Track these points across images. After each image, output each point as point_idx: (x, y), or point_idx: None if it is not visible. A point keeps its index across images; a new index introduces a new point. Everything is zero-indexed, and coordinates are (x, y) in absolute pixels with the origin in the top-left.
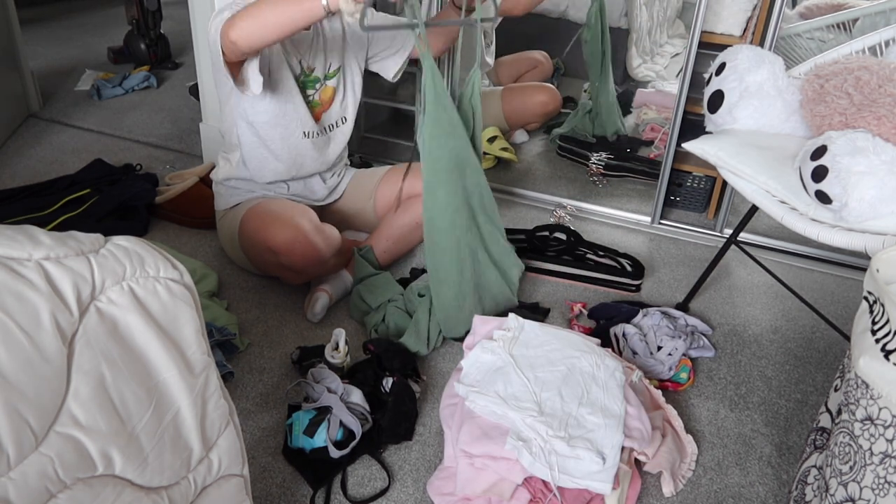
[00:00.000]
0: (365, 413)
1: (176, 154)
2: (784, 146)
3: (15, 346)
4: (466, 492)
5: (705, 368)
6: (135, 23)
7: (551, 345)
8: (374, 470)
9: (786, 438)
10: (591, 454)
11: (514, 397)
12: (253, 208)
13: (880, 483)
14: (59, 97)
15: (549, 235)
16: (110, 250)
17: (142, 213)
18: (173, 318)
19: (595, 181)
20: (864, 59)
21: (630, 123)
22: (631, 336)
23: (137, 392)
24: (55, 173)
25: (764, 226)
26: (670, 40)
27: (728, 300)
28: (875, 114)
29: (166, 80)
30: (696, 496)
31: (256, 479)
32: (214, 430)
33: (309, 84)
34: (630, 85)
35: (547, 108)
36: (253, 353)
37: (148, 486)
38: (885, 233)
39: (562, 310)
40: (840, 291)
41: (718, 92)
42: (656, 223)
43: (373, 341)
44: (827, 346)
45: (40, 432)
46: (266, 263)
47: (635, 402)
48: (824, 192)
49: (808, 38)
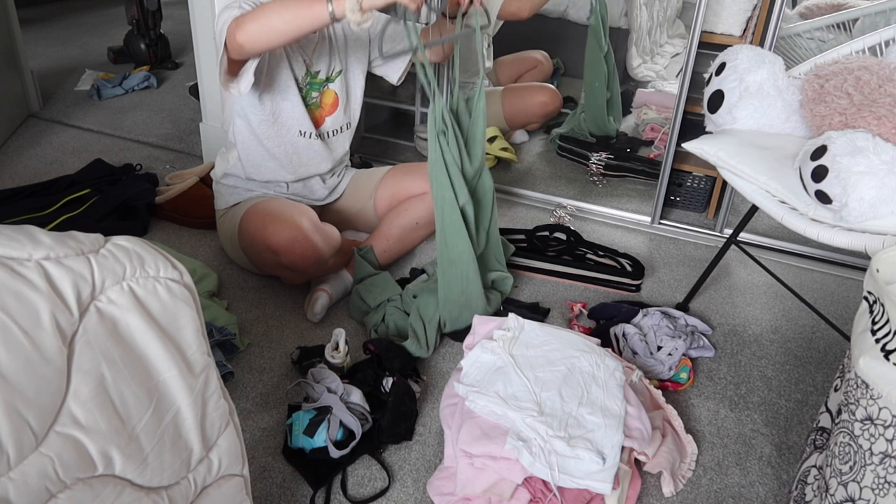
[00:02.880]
0: (365, 413)
1: (176, 154)
2: (784, 146)
3: (15, 346)
4: (466, 492)
5: (705, 368)
6: (135, 23)
7: (551, 345)
8: (374, 470)
9: (786, 438)
10: (591, 454)
11: (514, 397)
12: (252, 207)
13: (880, 483)
14: (59, 97)
15: (549, 235)
16: (110, 250)
17: (142, 213)
18: (173, 318)
19: (595, 181)
20: (864, 59)
21: (630, 123)
22: (631, 336)
23: (137, 392)
24: (55, 173)
25: (764, 226)
26: (670, 40)
27: (728, 300)
28: (875, 114)
29: (166, 80)
30: (696, 496)
31: (256, 479)
32: (214, 430)
33: (314, 86)
34: (630, 85)
35: (547, 109)
36: (253, 353)
37: (148, 486)
38: (885, 233)
39: (562, 310)
40: (840, 291)
41: (718, 92)
42: (656, 223)
43: (373, 341)
44: (827, 346)
45: (40, 432)
46: (266, 263)
47: (635, 402)
48: (824, 192)
49: (808, 38)
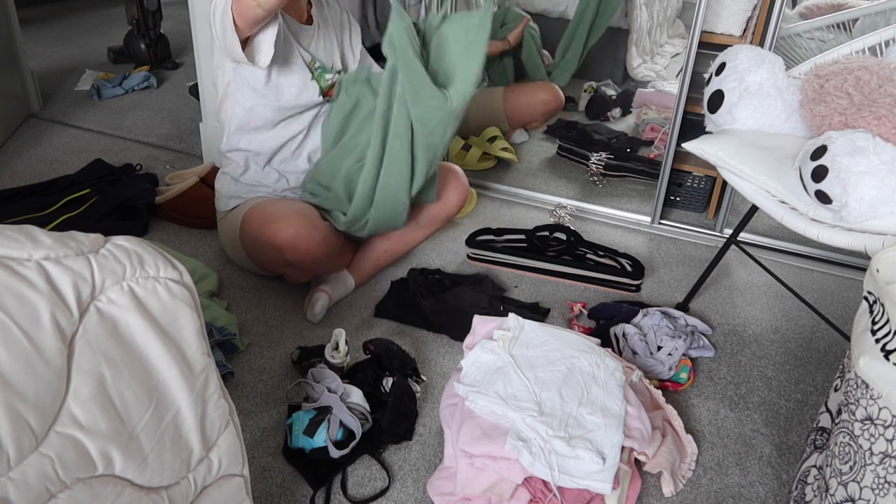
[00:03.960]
0: (365, 413)
1: (176, 154)
2: (784, 146)
3: (15, 346)
4: (466, 492)
5: (705, 368)
6: (135, 23)
7: (551, 345)
8: (374, 470)
9: (786, 438)
10: (591, 454)
11: (514, 397)
12: (254, 208)
13: (880, 483)
14: (59, 97)
15: (549, 235)
16: (110, 250)
17: (142, 213)
18: (173, 318)
19: (595, 181)
20: (864, 59)
21: (630, 123)
22: (631, 336)
23: (137, 392)
24: (55, 173)
25: (764, 226)
26: (670, 40)
27: (728, 300)
28: (875, 114)
29: (166, 80)
30: (696, 496)
31: (256, 479)
32: (214, 430)
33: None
34: (630, 85)
35: (549, 107)
36: (253, 353)
37: (148, 486)
38: (885, 233)
39: (562, 310)
40: (840, 291)
41: (718, 92)
42: (656, 223)
43: (373, 341)
44: (827, 346)
45: (40, 432)
46: (269, 261)
47: (635, 401)
48: (824, 192)
49: (808, 38)
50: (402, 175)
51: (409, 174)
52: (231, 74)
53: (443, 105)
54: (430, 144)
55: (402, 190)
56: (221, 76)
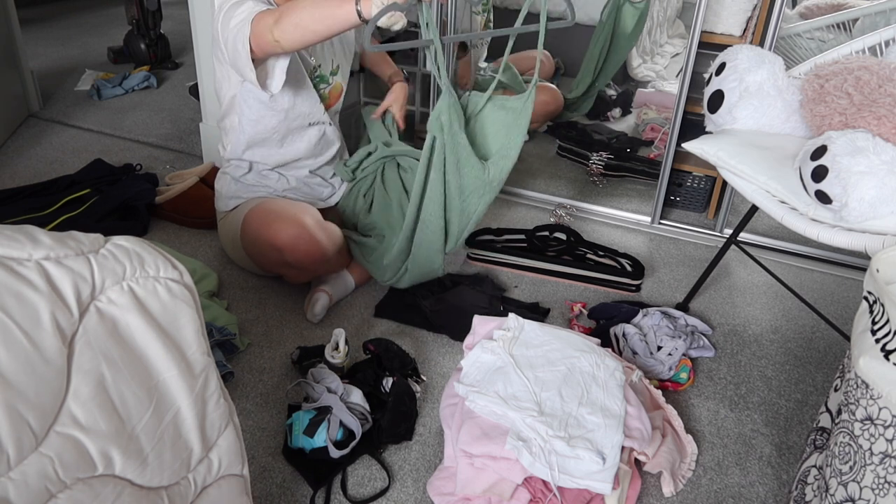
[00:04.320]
0: (365, 413)
1: (176, 154)
2: (784, 146)
3: (15, 346)
4: (466, 492)
5: (705, 368)
6: (135, 23)
7: (551, 345)
8: (374, 470)
9: (786, 438)
10: (591, 454)
11: (514, 397)
12: (254, 208)
13: (880, 483)
14: (59, 97)
15: (549, 235)
16: (110, 250)
17: (142, 213)
18: (173, 318)
19: (595, 181)
20: (864, 59)
21: (630, 123)
22: (631, 336)
23: (137, 392)
24: (55, 173)
25: (764, 226)
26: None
27: (728, 300)
28: (875, 114)
29: (166, 80)
30: (696, 496)
31: (256, 479)
32: (214, 430)
33: (323, 78)
34: (630, 85)
35: (548, 108)
36: (253, 353)
37: (148, 486)
38: (885, 233)
39: (562, 310)
40: (840, 291)
41: (718, 92)
42: (656, 223)
43: (373, 341)
44: (827, 346)
45: (40, 432)
46: (270, 262)
47: (635, 401)
48: (824, 192)
49: (808, 38)
50: (435, 235)
51: (443, 236)
52: (237, 88)
53: (480, 175)
54: (464, 210)
55: (436, 250)
56: (227, 88)
